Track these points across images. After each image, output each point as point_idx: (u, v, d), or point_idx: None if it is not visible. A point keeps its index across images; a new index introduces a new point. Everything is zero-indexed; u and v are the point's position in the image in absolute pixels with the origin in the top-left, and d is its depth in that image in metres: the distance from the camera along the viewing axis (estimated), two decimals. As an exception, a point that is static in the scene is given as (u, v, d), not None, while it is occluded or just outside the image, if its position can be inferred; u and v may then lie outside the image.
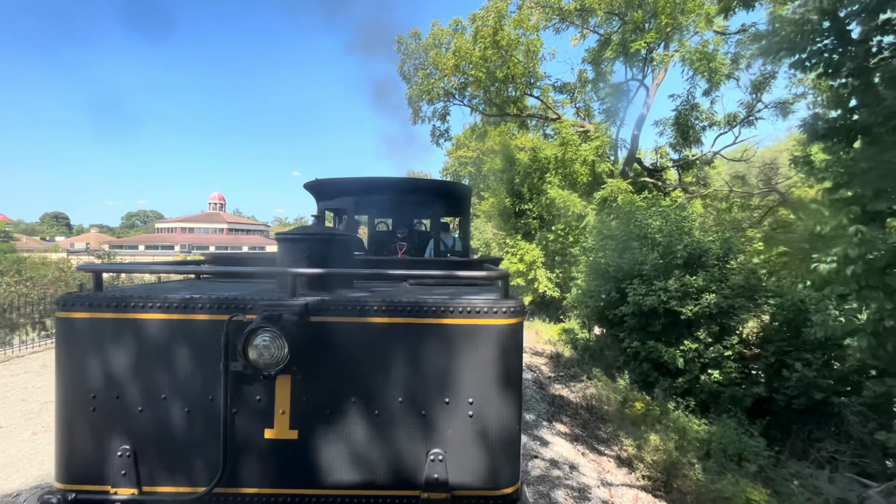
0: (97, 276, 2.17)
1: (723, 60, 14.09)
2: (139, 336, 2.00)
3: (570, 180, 16.72)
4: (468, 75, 15.68)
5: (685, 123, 16.75)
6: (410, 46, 16.61)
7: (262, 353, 1.85)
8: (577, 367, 10.46)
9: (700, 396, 8.49)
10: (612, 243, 10.11)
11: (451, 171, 40.66)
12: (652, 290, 8.76)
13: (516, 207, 21.41)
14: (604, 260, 9.85)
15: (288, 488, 1.97)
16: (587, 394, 8.59)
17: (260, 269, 2.85)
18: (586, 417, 7.16)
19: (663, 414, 7.39)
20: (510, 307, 2.02)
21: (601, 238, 10.59)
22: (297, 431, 1.96)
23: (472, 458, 1.99)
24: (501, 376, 2.01)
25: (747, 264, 9.05)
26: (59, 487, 2.00)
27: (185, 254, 62.00)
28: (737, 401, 8.06)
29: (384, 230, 6.13)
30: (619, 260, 9.55)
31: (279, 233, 2.39)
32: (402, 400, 1.98)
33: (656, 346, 8.76)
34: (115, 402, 1.99)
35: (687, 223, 9.52)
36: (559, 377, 9.67)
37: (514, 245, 17.12)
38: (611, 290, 9.66)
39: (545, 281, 16.38)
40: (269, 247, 71.98)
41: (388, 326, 1.99)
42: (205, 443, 1.97)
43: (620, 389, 9.01)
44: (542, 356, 11.48)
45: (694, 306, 8.47)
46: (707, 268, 8.99)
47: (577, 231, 15.62)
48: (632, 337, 9.28)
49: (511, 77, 15.72)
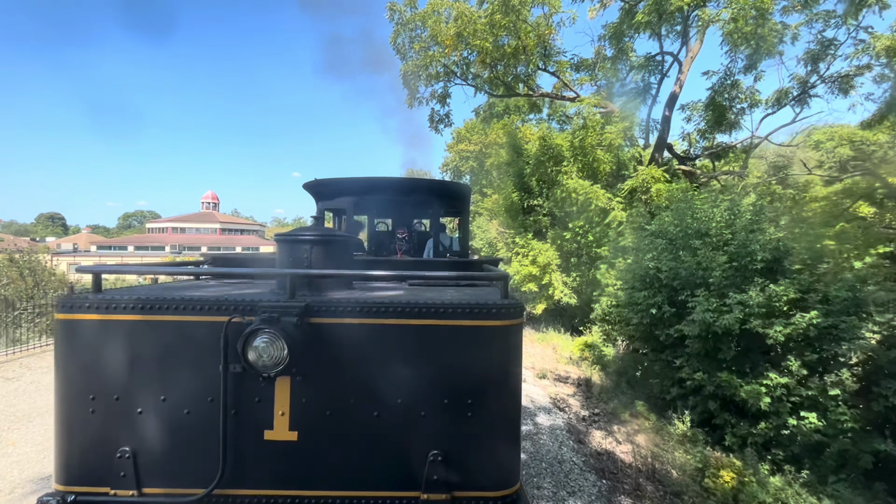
0: (96, 278, 2.15)
1: (774, 25, 11.86)
2: (138, 337, 1.99)
3: (590, 170, 14.47)
4: (472, 46, 13.42)
5: (720, 105, 14.51)
6: (405, 15, 14.33)
7: (262, 355, 1.83)
8: (613, 400, 8.23)
9: (790, 449, 6.27)
10: (661, 242, 7.88)
11: (451, 167, 38.31)
12: (725, 305, 6.53)
13: (524, 203, 19.17)
14: (652, 263, 7.62)
15: (288, 489, 1.96)
16: (641, 446, 6.36)
17: (259, 270, 2.49)
18: (653, 494, 4.93)
19: (761, 487, 5.16)
20: (509, 308, 2.02)
21: (646, 236, 8.34)
22: (297, 433, 1.96)
23: (472, 459, 1.99)
24: (500, 377, 2.02)
25: (844, 269, 6.83)
26: (58, 489, 1.99)
27: (174, 255, 59.68)
28: (849, 458, 5.84)
29: (384, 230, 6.00)
30: (674, 264, 7.31)
31: (278, 234, 2.39)
32: (402, 401, 1.97)
33: (730, 380, 6.53)
34: (115, 403, 1.98)
35: (754, 216, 7.29)
36: (595, 417, 7.44)
37: (525, 245, 14.88)
38: (662, 303, 7.42)
39: (560, 286, 14.14)
40: (263, 247, 69.71)
41: (387, 327, 1.98)
42: (204, 444, 1.96)
43: (680, 436, 6.76)
44: (568, 383, 9.25)
45: (785, 327, 6.24)
46: (790, 274, 6.77)
47: (599, 229, 13.38)
48: (693, 364, 7.06)
49: (522, 49, 13.45)
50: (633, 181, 12.48)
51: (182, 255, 56.69)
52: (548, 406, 7.43)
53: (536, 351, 12.43)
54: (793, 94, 13.13)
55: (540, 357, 11.58)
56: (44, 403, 6.57)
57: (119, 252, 64.06)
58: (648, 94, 14.37)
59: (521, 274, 14.40)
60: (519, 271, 14.55)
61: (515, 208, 19.01)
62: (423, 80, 15.83)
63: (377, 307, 1.98)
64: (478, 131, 32.51)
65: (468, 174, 35.32)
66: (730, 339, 6.71)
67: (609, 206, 13.05)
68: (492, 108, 18.64)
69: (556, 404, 7.61)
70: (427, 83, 16.15)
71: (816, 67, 12.49)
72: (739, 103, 14.53)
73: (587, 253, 14.62)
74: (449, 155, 37.97)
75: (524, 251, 14.77)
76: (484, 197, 32.87)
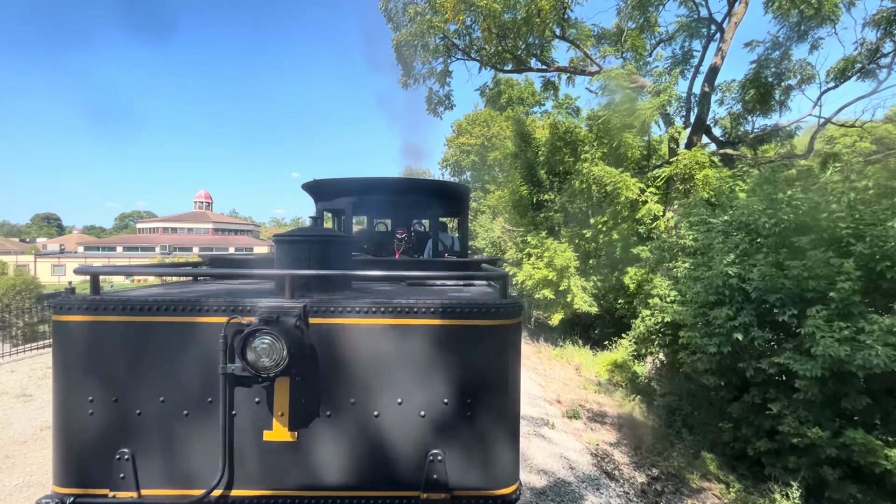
0: (94, 279, 2.15)
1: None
2: (137, 339, 1.99)
3: (615, 157, 12.35)
4: (477, 9, 11.28)
5: (765, 82, 12.43)
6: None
7: (261, 356, 1.81)
8: (670, 450, 6.12)
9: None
10: (740, 239, 5.77)
11: (450, 163, 36.10)
12: (863, 333, 4.43)
13: (534, 198, 17.10)
14: (734, 269, 5.49)
15: (287, 490, 1.96)
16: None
17: (258, 270, 2.66)
18: None
19: None
20: (508, 307, 2.02)
21: (718, 231, 6.20)
22: (297, 433, 1.95)
23: (472, 459, 1.98)
24: (500, 376, 2.01)
25: None
26: (57, 491, 1.99)
27: (164, 255, 57.41)
28: None
29: (383, 231, 5.94)
30: (771, 271, 5.19)
31: (277, 234, 2.39)
32: (401, 401, 1.97)
33: (867, 442, 4.43)
34: (114, 405, 1.98)
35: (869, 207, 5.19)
36: (656, 484, 5.33)
37: (538, 245, 12.74)
38: (750, 325, 5.31)
39: (580, 293, 12.03)
40: (257, 248, 67.47)
41: (386, 327, 1.98)
42: (204, 445, 1.96)
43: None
44: (606, 424, 7.13)
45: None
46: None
47: (627, 225, 11.29)
48: (801, 414, 4.95)
49: (536, 12, 11.33)
50: (672, 167, 10.37)
51: (172, 257, 54.45)
52: (593, 473, 5.30)
53: (557, 373, 10.33)
54: (857, 67, 11.01)
55: (563, 382, 9.47)
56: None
57: (107, 253, 61.81)
58: (688, 65, 12.25)
59: (535, 278, 12.27)
60: (532, 275, 12.42)
61: (524, 204, 16.88)
62: (419, 56, 13.71)
63: (376, 307, 1.97)
64: (480, 123, 30.27)
65: (469, 170, 33.07)
66: (858, 381, 4.61)
67: (641, 198, 10.94)
68: (498, 86, 16.43)
69: (602, 466, 5.49)
70: (424, 60, 14.04)
71: (891, 31, 10.39)
72: (789, 78, 12.44)
73: (611, 253, 12.54)
74: (449, 150, 35.74)
75: (538, 252, 12.65)
76: (486, 194, 30.76)
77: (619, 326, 12.54)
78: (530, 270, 12.53)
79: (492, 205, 29.22)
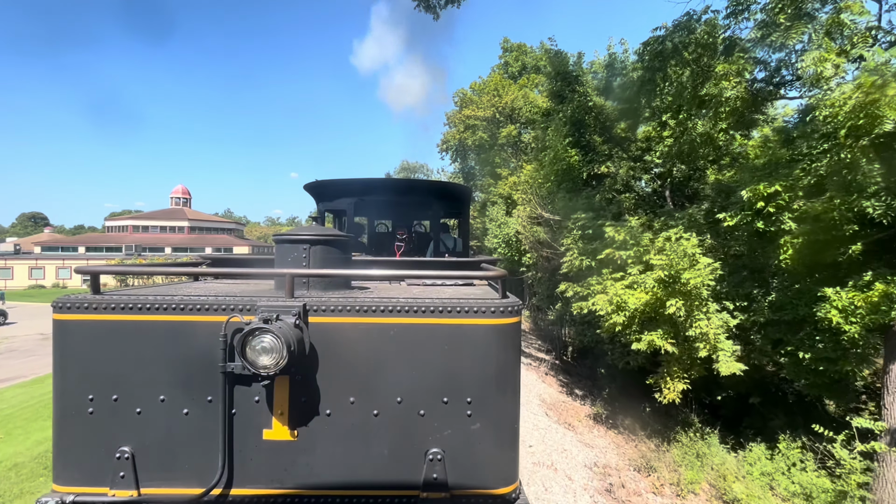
0: (94, 278, 2.15)
1: None
2: (136, 338, 1.99)
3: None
4: None
5: None
6: None
7: (261, 355, 1.80)
8: None
9: None
10: None
11: (451, 144, 30.04)
12: None
13: (586, 171, 11.20)
14: None
15: (287, 489, 1.96)
16: None
17: (258, 270, 2.57)
18: None
19: None
20: (508, 307, 2.01)
21: None
22: (296, 432, 1.96)
23: (471, 458, 1.98)
24: (499, 375, 2.00)
25: None
26: (56, 490, 1.99)
27: (130, 256, 51.07)
28: None
29: (384, 231, 6.00)
30: None
31: (277, 234, 2.41)
32: (401, 400, 1.96)
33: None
34: (113, 404, 1.98)
35: None
36: None
37: (631, 239, 6.78)
38: None
39: (727, 343, 6.10)
40: (237, 248, 61.13)
41: (386, 327, 1.97)
42: (203, 444, 1.96)
43: None
44: None
45: None
46: None
47: (854, 198, 5.47)
48: None
49: None
50: None
51: (134, 258, 48.07)
52: None
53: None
54: None
55: None
56: None
57: (68, 254, 55.40)
58: None
59: (635, 303, 6.29)
60: (624, 301, 6.44)
61: (574, 176, 10.97)
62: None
63: (376, 306, 1.97)
64: (489, 92, 24.17)
65: (475, 150, 27.00)
66: None
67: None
68: None
69: None
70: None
71: None
72: None
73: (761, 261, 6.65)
74: (450, 129, 29.66)
75: (631, 254, 6.70)
76: (498, 180, 24.78)
77: (786, 407, 6.73)
78: (620, 292, 6.53)
79: (504, 193, 23.07)
